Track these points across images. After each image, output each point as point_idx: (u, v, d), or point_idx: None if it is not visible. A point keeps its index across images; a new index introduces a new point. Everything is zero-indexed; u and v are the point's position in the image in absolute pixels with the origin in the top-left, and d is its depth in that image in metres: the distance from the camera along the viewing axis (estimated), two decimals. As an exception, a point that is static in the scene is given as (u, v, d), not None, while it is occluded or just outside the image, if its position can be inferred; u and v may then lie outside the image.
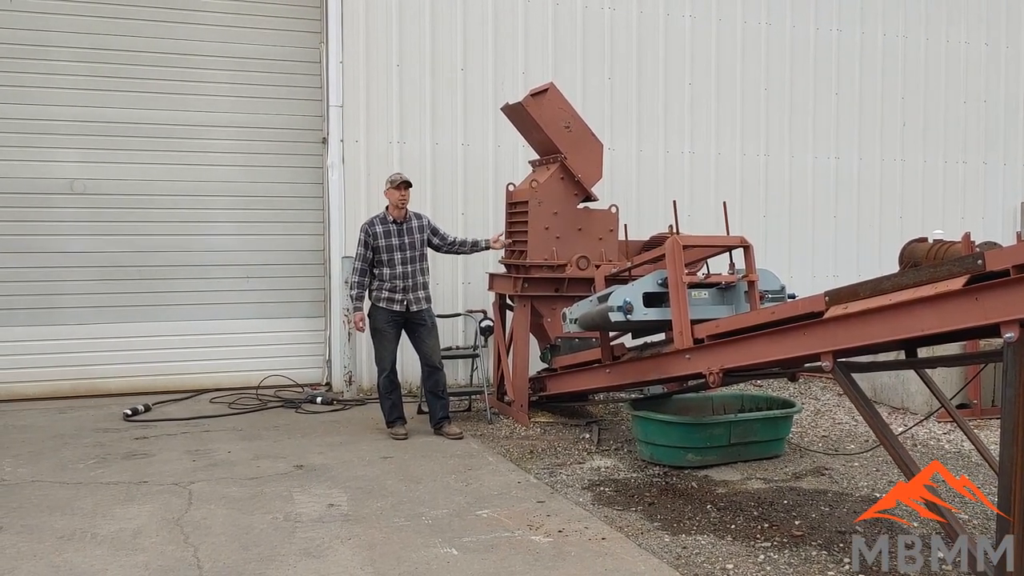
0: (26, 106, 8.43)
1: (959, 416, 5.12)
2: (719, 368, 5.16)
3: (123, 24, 8.61)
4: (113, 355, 8.69)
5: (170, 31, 8.73)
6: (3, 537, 4.66)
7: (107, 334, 8.68)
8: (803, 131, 10.59)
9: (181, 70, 8.78)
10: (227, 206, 8.98)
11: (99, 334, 8.66)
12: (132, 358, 8.73)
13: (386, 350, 7.02)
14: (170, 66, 8.74)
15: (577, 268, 7.41)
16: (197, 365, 8.89)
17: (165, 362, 8.81)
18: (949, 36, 11.10)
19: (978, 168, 11.29)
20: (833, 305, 4.28)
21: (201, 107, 8.86)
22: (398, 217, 7.01)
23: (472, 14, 9.28)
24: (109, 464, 6.17)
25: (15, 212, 8.46)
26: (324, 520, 4.94)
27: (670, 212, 7.59)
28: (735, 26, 10.24)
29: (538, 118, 7.45)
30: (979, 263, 3.51)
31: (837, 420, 7.68)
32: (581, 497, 5.43)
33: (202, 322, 8.94)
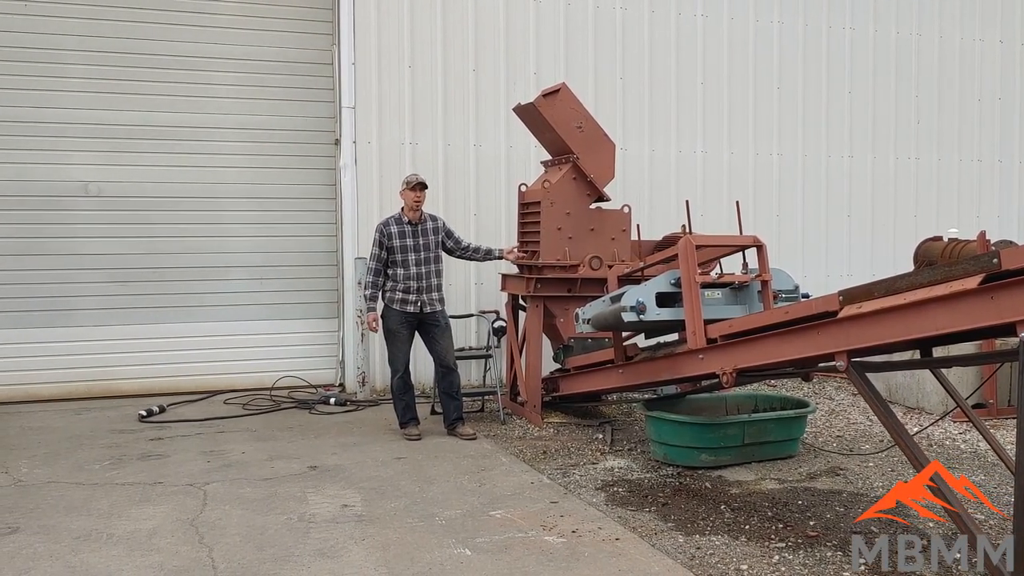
0: (41, 108, 8.49)
1: (975, 416, 5.09)
2: (732, 368, 5.15)
3: (137, 27, 8.66)
4: (128, 356, 8.74)
5: (183, 34, 8.78)
6: (20, 537, 4.70)
7: (122, 335, 8.73)
8: (816, 130, 10.54)
9: (194, 72, 8.83)
10: (240, 207, 9.02)
11: (114, 335, 8.71)
12: (147, 359, 8.78)
13: (400, 351, 7.03)
14: (183, 68, 8.79)
15: (590, 268, 7.40)
16: (211, 366, 8.92)
17: (179, 363, 8.85)
18: (963, 34, 11.03)
19: (993, 166, 11.22)
20: (847, 305, 4.26)
21: (214, 109, 8.90)
22: (413, 218, 7.02)
23: (484, 15, 9.29)
24: (124, 465, 6.21)
25: (30, 214, 8.52)
26: (338, 520, 4.95)
27: (683, 212, 7.60)
28: (747, 25, 10.20)
29: (550, 118, 7.44)
30: (994, 262, 3.49)
31: (852, 420, 7.65)
32: (594, 498, 5.42)
33: (216, 323, 8.98)
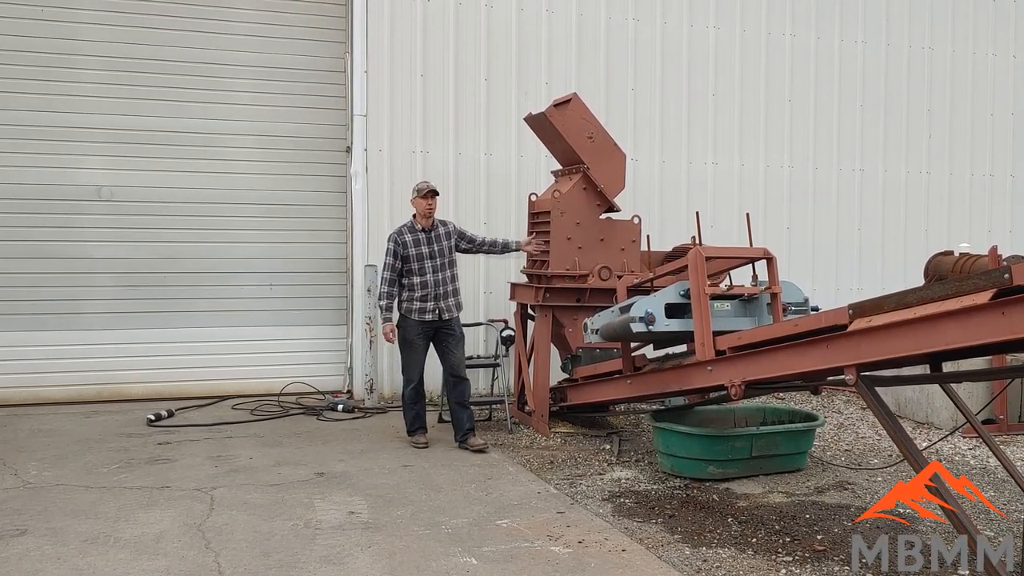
0: (53, 113, 8.55)
1: (985, 432, 5.06)
2: (741, 380, 5.14)
3: (149, 33, 8.73)
4: (137, 361, 8.78)
5: (196, 40, 8.83)
6: (28, 540, 4.71)
7: (132, 340, 8.77)
8: (827, 143, 10.53)
9: (207, 79, 8.88)
10: (251, 214, 9.06)
11: (124, 340, 8.76)
12: (156, 364, 8.82)
13: (415, 362, 7.01)
14: (196, 75, 8.85)
15: (599, 278, 7.39)
16: (220, 372, 8.95)
17: (188, 368, 8.88)
18: (976, 48, 11.01)
19: (1005, 181, 11.18)
20: (857, 318, 4.25)
21: (226, 115, 8.96)
22: (426, 225, 7.02)
23: (496, 25, 9.32)
24: (132, 469, 6.23)
25: (42, 218, 8.58)
26: (344, 527, 4.95)
27: (693, 223, 7.58)
28: (759, 37, 10.21)
29: (561, 128, 7.45)
30: (1006, 277, 3.48)
31: (860, 434, 7.61)
32: (601, 508, 5.41)
33: (225, 329, 9.02)
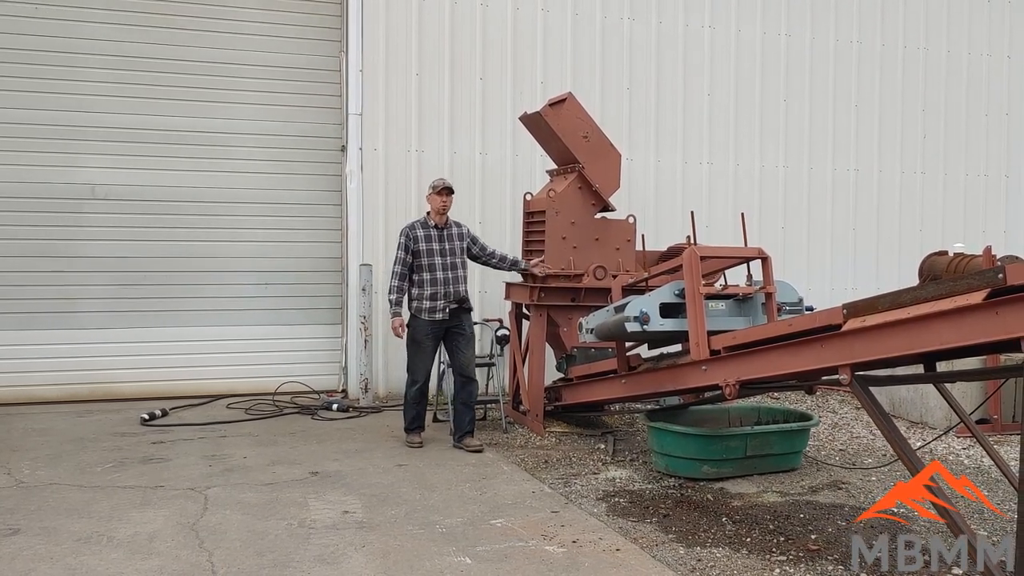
0: (46, 112, 8.53)
1: (979, 431, 5.06)
2: (735, 380, 5.14)
3: (146, 32, 8.72)
4: (132, 360, 8.76)
5: (191, 39, 8.82)
6: (21, 539, 4.70)
7: (126, 339, 8.76)
8: (822, 143, 10.55)
9: (200, 78, 8.86)
10: (246, 213, 9.05)
11: (118, 339, 8.74)
12: (150, 363, 8.80)
13: (422, 362, 6.96)
14: (190, 74, 8.83)
15: (594, 278, 7.39)
16: (214, 371, 8.94)
17: (183, 367, 8.86)
18: (971, 48, 11.04)
19: (1000, 181, 11.22)
20: (851, 318, 4.26)
21: (220, 115, 8.94)
22: (439, 223, 6.99)
23: (491, 24, 9.32)
24: (126, 468, 6.21)
25: (37, 216, 8.56)
26: (338, 527, 4.95)
27: (688, 223, 7.57)
28: (754, 37, 10.23)
29: (556, 128, 7.45)
30: (1000, 277, 3.48)
31: (855, 434, 7.62)
32: (596, 508, 5.41)
33: (220, 328, 9.00)
